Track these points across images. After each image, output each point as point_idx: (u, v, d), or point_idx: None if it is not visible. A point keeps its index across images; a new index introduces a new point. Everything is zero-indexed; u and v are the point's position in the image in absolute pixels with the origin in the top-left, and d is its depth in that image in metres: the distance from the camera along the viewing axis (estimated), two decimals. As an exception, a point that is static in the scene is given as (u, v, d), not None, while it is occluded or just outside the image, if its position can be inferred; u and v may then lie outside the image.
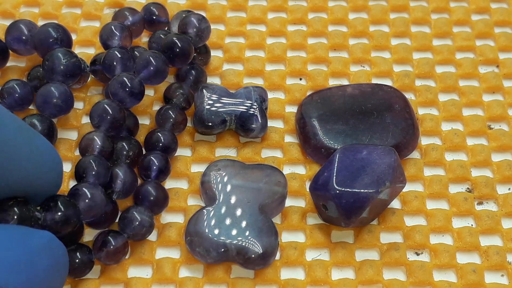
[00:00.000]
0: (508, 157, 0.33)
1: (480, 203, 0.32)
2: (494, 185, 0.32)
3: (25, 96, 0.32)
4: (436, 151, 0.33)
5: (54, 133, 0.31)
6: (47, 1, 0.38)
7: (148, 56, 0.31)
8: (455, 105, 0.35)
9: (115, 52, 0.32)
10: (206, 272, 0.29)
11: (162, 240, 0.30)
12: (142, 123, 0.33)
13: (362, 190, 0.28)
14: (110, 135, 0.30)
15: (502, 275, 0.30)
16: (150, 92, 0.35)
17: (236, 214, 0.29)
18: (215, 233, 0.28)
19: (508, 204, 0.31)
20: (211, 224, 0.29)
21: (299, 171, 0.33)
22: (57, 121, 0.33)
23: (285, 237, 0.30)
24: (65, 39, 0.32)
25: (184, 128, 0.33)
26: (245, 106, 0.33)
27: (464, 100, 0.35)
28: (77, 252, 0.28)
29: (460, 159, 0.33)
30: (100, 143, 0.29)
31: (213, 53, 0.36)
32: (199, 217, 0.29)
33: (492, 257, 0.30)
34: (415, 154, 0.33)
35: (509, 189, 0.32)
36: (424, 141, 0.34)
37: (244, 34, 0.37)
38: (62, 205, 0.26)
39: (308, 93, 0.35)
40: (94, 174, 0.28)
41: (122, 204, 0.30)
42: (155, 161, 0.30)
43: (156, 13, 0.35)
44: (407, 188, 0.32)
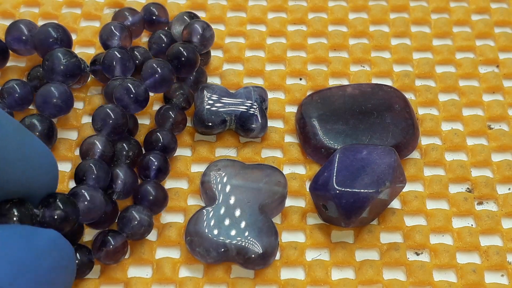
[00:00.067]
0: (508, 157, 0.33)
1: (480, 203, 0.32)
2: (494, 185, 0.32)
3: (25, 96, 0.32)
4: (436, 151, 0.33)
5: (54, 133, 0.31)
6: (47, 1, 0.38)
7: (155, 65, 0.31)
8: (455, 105, 0.35)
9: (114, 52, 0.32)
10: (206, 272, 0.29)
11: (162, 240, 0.30)
12: (141, 123, 0.33)
13: (362, 190, 0.28)
14: (112, 140, 0.30)
15: (502, 275, 0.30)
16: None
17: (236, 214, 0.29)
18: (215, 233, 0.28)
19: (508, 204, 0.31)
20: (211, 224, 0.29)
21: (299, 171, 0.33)
22: (57, 121, 0.33)
23: (285, 237, 0.30)
24: (65, 39, 0.32)
25: (184, 128, 0.33)
26: (245, 106, 0.33)
27: (464, 100, 0.35)
28: (77, 253, 0.28)
29: (460, 159, 0.33)
30: (101, 147, 0.29)
31: (213, 53, 0.36)
32: (199, 217, 0.29)
33: (492, 257, 0.30)
34: (415, 154, 0.33)
35: (509, 189, 0.32)
36: (424, 141, 0.34)
37: (244, 34, 0.37)
38: (61, 203, 0.26)
39: (308, 93, 0.35)
40: (94, 178, 0.28)
41: (122, 204, 0.30)
42: (154, 160, 0.30)
43: (156, 13, 0.35)
44: (407, 188, 0.32)
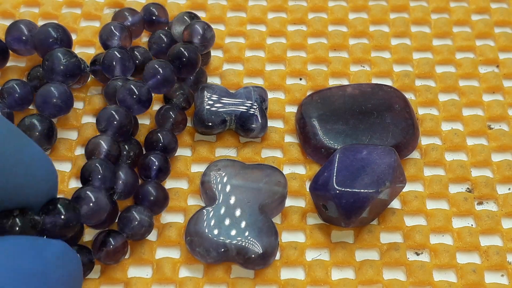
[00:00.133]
0: (508, 157, 0.33)
1: (480, 203, 0.32)
2: (494, 185, 0.32)
3: (25, 96, 0.32)
4: (436, 151, 0.33)
5: (54, 133, 0.31)
6: (47, 1, 0.38)
7: (156, 65, 0.31)
8: (455, 105, 0.35)
9: (114, 52, 0.32)
10: (206, 272, 0.29)
11: (162, 240, 0.30)
12: (142, 123, 0.33)
13: (362, 190, 0.28)
14: (117, 140, 0.30)
15: (502, 275, 0.30)
16: (150, 92, 0.35)
17: (236, 214, 0.29)
18: (215, 233, 0.28)
19: (508, 204, 0.31)
20: (211, 224, 0.29)
21: (299, 171, 0.33)
22: (57, 121, 0.33)
23: (285, 237, 0.30)
24: (65, 39, 0.32)
25: (184, 128, 0.33)
26: (245, 106, 0.33)
27: (464, 100, 0.35)
28: (77, 254, 0.27)
29: (460, 159, 0.33)
30: (106, 147, 0.29)
31: (213, 53, 0.36)
32: (199, 217, 0.29)
33: (492, 257, 0.30)
34: (415, 154, 0.33)
35: (509, 189, 0.32)
36: (424, 141, 0.34)
37: (244, 34, 0.37)
38: (62, 209, 0.25)
39: (308, 93, 0.35)
40: (100, 178, 0.28)
41: (122, 204, 0.30)
42: (154, 161, 0.30)
43: (156, 14, 0.35)
44: (407, 188, 0.32)
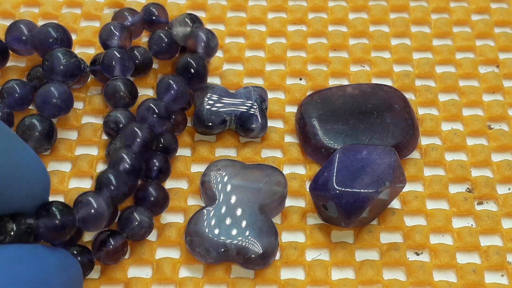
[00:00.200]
0: (508, 157, 0.33)
1: (480, 203, 0.32)
2: (494, 185, 0.32)
3: (25, 96, 0.32)
4: (436, 151, 0.33)
5: (54, 133, 0.31)
6: (47, 1, 0.38)
7: (171, 81, 0.31)
8: (455, 105, 0.35)
9: (114, 52, 0.32)
10: (206, 272, 0.29)
11: (162, 240, 0.30)
12: (142, 123, 0.33)
13: (362, 190, 0.28)
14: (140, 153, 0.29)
15: (502, 275, 0.30)
16: (149, 92, 0.35)
17: (236, 214, 0.29)
18: (215, 233, 0.28)
19: (508, 204, 0.31)
20: (211, 224, 0.29)
21: (299, 171, 0.33)
22: (57, 121, 0.33)
23: (285, 237, 0.30)
24: (65, 39, 0.32)
25: (184, 128, 0.33)
26: (245, 106, 0.33)
27: (464, 100, 0.35)
28: (77, 254, 0.27)
29: (460, 159, 0.33)
30: (129, 160, 0.28)
31: (213, 53, 0.36)
32: (199, 217, 0.29)
33: (492, 257, 0.30)
34: (415, 154, 0.33)
35: (509, 189, 0.32)
36: (424, 141, 0.34)
37: (244, 34, 0.37)
38: (57, 212, 0.24)
39: (308, 93, 0.35)
40: (113, 189, 0.27)
41: (122, 204, 0.30)
42: (155, 161, 0.30)
43: (156, 14, 0.35)
44: (407, 188, 0.32)
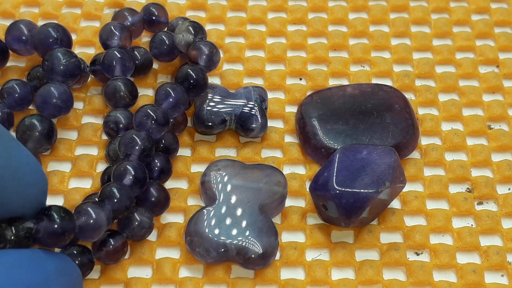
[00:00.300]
0: (508, 157, 0.33)
1: (480, 203, 0.32)
2: (494, 185, 0.32)
3: (25, 96, 0.32)
4: (436, 151, 0.33)
5: (54, 133, 0.31)
6: (47, 1, 0.38)
7: (169, 88, 0.31)
8: (455, 105, 0.35)
9: (114, 52, 0.32)
10: (206, 272, 0.29)
11: (162, 240, 0.30)
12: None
13: (362, 190, 0.28)
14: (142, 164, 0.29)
15: (502, 275, 0.30)
16: (149, 92, 0.35)
17: (236, 214, 0.29)
18: (215, 233, 0.28)
19: (508, 204, 0.31)
20: (211, 224, 0.29)
21: (299, 171, 0.33)
22: (57, 121, 0.33)
23: (285, 237, 0.30)
24: (65, 39, 0.32)
25: (185, 128, 0.33)
26: (245, 106, 0.33)
27: (464, 100, 0.35)
28: (77, 254, 0.27)
29: (460, 159, 0.33)
30: (133, 172, 0.28)
31: (213, 53, 0.36)
32: (199, 217, 0.29)
33: (492, 257, 0.30)
34: (415, 154, 0.33)
35: (509, 189, 0.32)
36: (424, 141, 0.34)
37: (244, 34, 0.37)
38: (56, 217, 0.24)
39: (308, 93, 0.35)
40: (116, 202, 0.27)
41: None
42: (156, 162, 0.30)
43: (156, 14, 0.35)
44: (407, 188, 0.32)
